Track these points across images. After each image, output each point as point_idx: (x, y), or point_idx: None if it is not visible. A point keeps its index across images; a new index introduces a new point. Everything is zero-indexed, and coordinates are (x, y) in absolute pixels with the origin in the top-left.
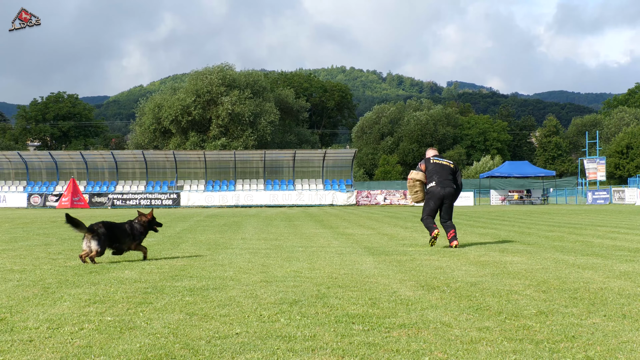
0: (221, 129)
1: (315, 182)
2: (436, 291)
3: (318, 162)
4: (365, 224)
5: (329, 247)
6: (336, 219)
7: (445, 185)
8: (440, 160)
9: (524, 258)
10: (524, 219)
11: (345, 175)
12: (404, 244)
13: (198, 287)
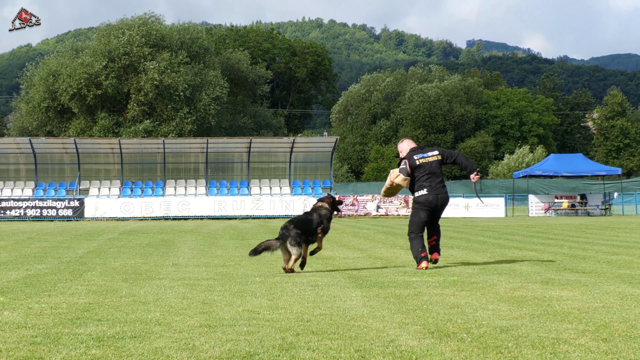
0: (144, 107)
1: (279, 183)
2: (451, 340)
3: (284, 155)
4: (351, 243)
5: (299, 276)
6: None
7: (438, 191)
8: (426, 158)
9: (577, 292)
10: (576, 236)
11: (323, 174)
12: (405, 272)
13: (110, 334)
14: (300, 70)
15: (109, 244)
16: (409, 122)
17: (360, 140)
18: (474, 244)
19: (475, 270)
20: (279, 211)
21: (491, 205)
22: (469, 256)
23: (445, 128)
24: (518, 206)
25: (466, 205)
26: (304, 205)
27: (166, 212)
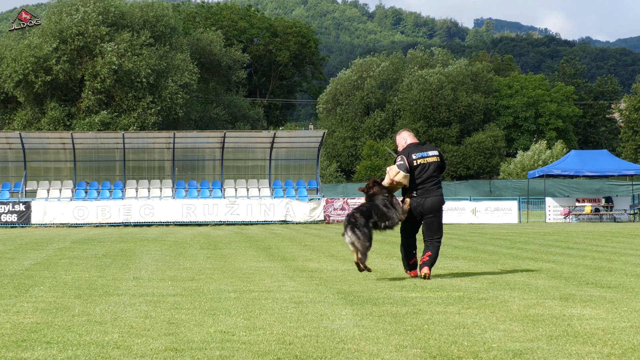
0: (101, 96)
1: (257, 184)
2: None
3: (263, 151)
4: (340, 254)
5: (280, 291)
6: (292, 246)
7: (428, 194)
8: (425, 158)
9: (601, 310)
10: (601, 245)
11: (308, 174)
12: (403, 287)
13: (60, 359)
14: (282, 54)
15: (60, 255)
16: (408, 113)
17: (352, 135)
18: (482, 254)
19: (484, 285)
20: (257, 216)
21: (502, 210)
22: (476, 268)
23: (449, 120)
24: (533, 211)
25: (473, 210)
26: (286, 210)
27: (126, 218)
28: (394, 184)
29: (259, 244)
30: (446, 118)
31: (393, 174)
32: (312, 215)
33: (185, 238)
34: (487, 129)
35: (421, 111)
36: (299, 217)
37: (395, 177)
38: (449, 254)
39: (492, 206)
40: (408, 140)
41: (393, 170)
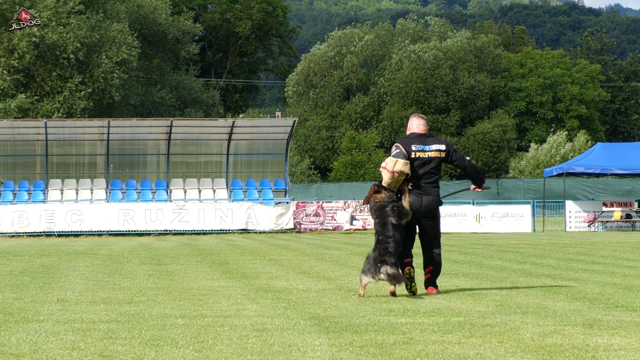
0: (18, 76)
1: (212, 184)
2: None
3: (219, 144)
4: (314, 270)
5: (240, 316)
6: (255, 260)
7: (424, 192)
8: (426, 152)
9: (633, 339)
10: (633, 259)
11: (275, 172)
12: (391, 310)
13: None
14: (242, 24)
15: None
16: (397, 98)
17: (328, 124)
18: (487, 270)
19: (490, 308)
20: (212, 224)
21: (512, 216)
22: (480, 287)
23: (447, 106)
24: (550, 217)
25: (477, 216)
26: (248, 216)
27: (49, 226)
28: (395, 176)
29: (213, 258)
30: (444, 104)
31: (392, 165)
32: (280, 222)
33: (122, 251)
34: (494, 117)
35: (413, 95)
36: (263, 225)
37: (395, 168)
38: (447, 269)
39: (500, 211)
40: (414, 128)
41: (390, 161)
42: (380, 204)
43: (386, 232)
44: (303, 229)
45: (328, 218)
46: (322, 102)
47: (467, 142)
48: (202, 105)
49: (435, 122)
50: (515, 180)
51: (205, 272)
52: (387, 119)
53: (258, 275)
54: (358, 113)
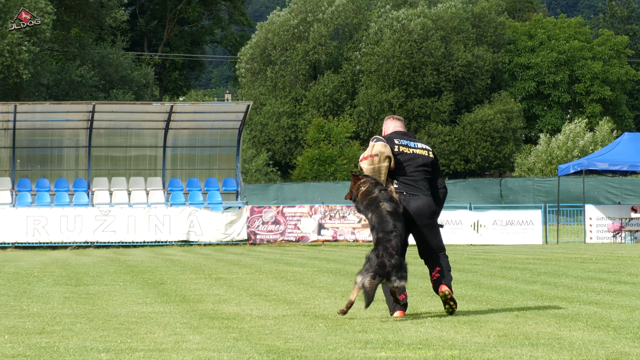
0: None
1: (145, 184)
2: None
3: (153, 134)
4: (272, 291)
5: (179, 349)
6: (198, 279)
7: (417, 193)
8: (411, 149)
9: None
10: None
11: (223, 169)
12: (368, 342)
13: None
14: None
15: None
16: (375, 77)
17: (290, 110)
18: (488, 291)
19: (491, 339)
20: (144, 234)
21: (518, 224)
22: (479, 313)
23: (438, 88)
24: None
25: (475, 224)
26: (190, 224)
27: None
28: (375, 161)
29: (146, 277)
30: (434, 85)
31: (369, 150)
32: (230, 232)
33: (32, 268)
34: (497, 101)
35: (396, 74)
36: (208, 236)
37: (374, 150)
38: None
39: (504, 218)
40: (391, 130)
41: (369, 148)
42: (368, 190)
43: (385, 226)
44: (259, 240)
45: (290, 227)
46: (283, 82)
47: (463, 133)
48: (132, 86)
49: (423, 108)
50: (523, 180)
51: (136, 295)
52: (363, 103)
53: (202, 298)
54: (327, 96)
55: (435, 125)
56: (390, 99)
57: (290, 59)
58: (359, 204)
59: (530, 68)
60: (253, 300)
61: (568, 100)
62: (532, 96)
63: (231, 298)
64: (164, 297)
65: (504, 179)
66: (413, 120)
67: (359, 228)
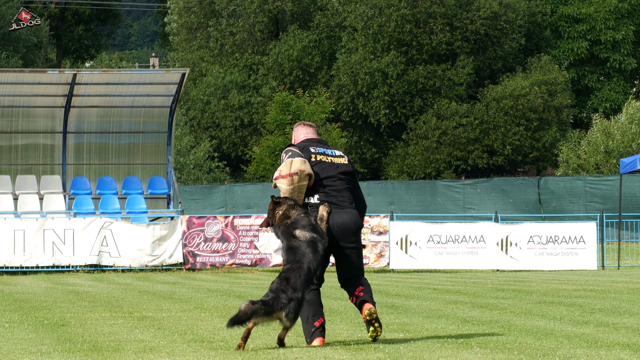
0: None
1: (38, 185)
2: None
3: (49, 114)
4: (217, 336)
5: None
6: (114, 318)
7: (341, 205)
8: (328, 156)
9: None
10: None
11: (149, 164)
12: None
13: None
14: None
15: None
16: (363, 36)
17: (243, 81)
18: (522, 335)
19: None
20: (38, 256)
21: (563, 242)
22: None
23: (452, 49)
24: (632, 242)
25: (503, 242)
26: (102, 242)
27: None
28: (295, 180)
29: (41, 316)
30: (445, 45)
31: (287, 168)
32: (158, 252)
33: None
34: (534, 69)
35: (393, 31)
36: (128, 258)
37: (292, 169)
38: (452, 332)
39: (544, 233)
40: (302, 138)
41: (284, 166)
42: (285, 214)
43: (295, 257)
44: (199, 264)
45: (244, 245)
46: (232, 42)
47: (486, 113)
48: (18, 47)
49: (431, 78)
50: (571, 180)
51: (28, 341)
52: (345, 72)
53: (120, 346)
54: (294, 61)
55: (447, 103)
56: (383, 68)
57: (242, 9)
58: (277, 229)
59: (581, 22)
60: (192, 349)
61: (634, 66)
62: (584, 61)
63: (161, 345)
64: (67, 345)
65: (544, 178)
66: (416, 96)
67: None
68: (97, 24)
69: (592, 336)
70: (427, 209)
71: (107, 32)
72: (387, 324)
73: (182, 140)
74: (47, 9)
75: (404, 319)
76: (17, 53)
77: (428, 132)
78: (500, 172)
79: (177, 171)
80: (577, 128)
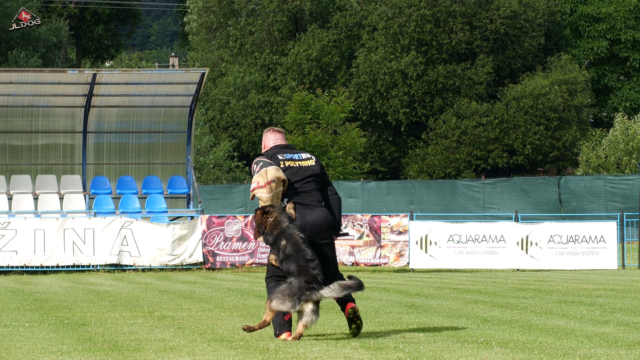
0: None
1: (58, 185)
2: None
3: (69, 114)
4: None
5: None
6: (134, 318)
7: (311, 204)
8: (296, 161)
9: None
10: None
11: (169, 164)
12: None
13: None
14: None
15: None
16: (383, 35)
17: (262, 81)
18: (542, 335)
19: None
20: (58, 255)
21: (585, 241)
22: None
23: (471, 49)
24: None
25: (523, 241)
26: (122, 241)
27: None
28: (274, 187)
29: (61, 316)
30: (465, 44)
31: (263, 178)
32: (178, 252)
33: None
34: (554, 68)
35: (412, 31)
36: (148, 258)
37: (269, 177)
38: (471, 333)
39: (564, 233)
40: (271, 144)
41: (259, 176)
42: (277, 220)
43: (305, 254)
44: (219, 263)
45: (263, 244)
46: (252, 42)
47: (506, 112)
48: (38, 47)
49: (451, 78)
50: (591, 179)
51: (48, 340)
52: (365, 72)
53: (140, 345)
54: (313, 61)
55: (467, 102)
56: (403, 68)
57: (262, 8)
58: (268, 235)
59: (601, 21)
60: (212, 348)
61: None
62: (604, 61)
63: (181, 345)
64: (87, 344)
65: (564, 177)
66: (436, 95)
67: (361, 247)
68: (117, 23)
69: (612, 336)
70: (447, 209)
71: (126, 31)
72: (407, 323)
73: (201, 140)
74: (66, 9)
75: (424, 319)
76: (37, 53)
77: (448, 132)
78: (521, 172)
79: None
80: (598, 127)
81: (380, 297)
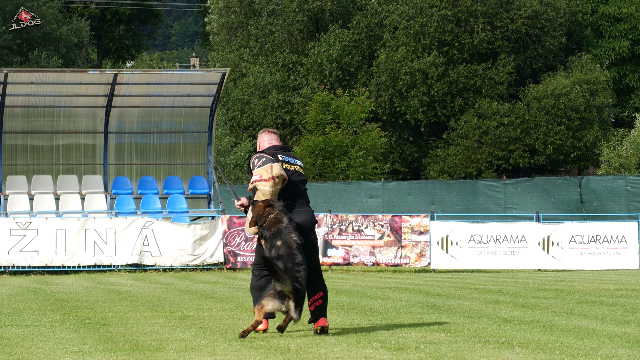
0: None
1: (79, 185)
2: None
3: (90, 114)
4: (259, 335)
5: None
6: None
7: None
8: (292, 164)
9: None
10: None
11: (190, 164)
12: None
13: None
14: None
15: None
16: (403, 35)
17: (283, 81)
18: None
19: None
20: (79, 255)
21: (607, 241)
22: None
23: (492, 49)
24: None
25: (544, 241)
26: (144, 241)
27: None
28: (276, 182)
29: (82, 316)
30: (486, 44)
31: (267, 172)
32: (199, 252)
33: None
34: (575, 68)
35: (434, 31)
36: (169, 258)
37: (274, 173)
38: (493, 333)
39: (585, 233)
40: (266, 145)
41: (263, 170)
42: (277, 218)
43: (294, 258)
44: (240, 263)
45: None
46: (272, 42)
47: (527, 112)
48: (59, 47)
49: (472, 78)
50: (612, 179)
51: (69, 340)
52: (385, 71)
53: (162, 345)
54: (334, 61)
55: (488, 102)
56: (424, 68)
57: (283, 8)
58: (265, 230)
59: (622, 21)
60: (233, 348)
61: None
62: (625, 60)
63: (202, 345)
64: (108, 344)
65: (586, 177)
66: (457, 95)
67: (382, 247)
68: (138, 24)
69: (634, 336)
70: (468, 209)
71: (147, 32)
72: (428, 323)
73: (222, 140)
74: (87, 9)
75: (445, 319)
76: (58, 53)
77: (469, 132)
78: (542, 172)
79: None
80: (619, 127)
81: (401, 298)
